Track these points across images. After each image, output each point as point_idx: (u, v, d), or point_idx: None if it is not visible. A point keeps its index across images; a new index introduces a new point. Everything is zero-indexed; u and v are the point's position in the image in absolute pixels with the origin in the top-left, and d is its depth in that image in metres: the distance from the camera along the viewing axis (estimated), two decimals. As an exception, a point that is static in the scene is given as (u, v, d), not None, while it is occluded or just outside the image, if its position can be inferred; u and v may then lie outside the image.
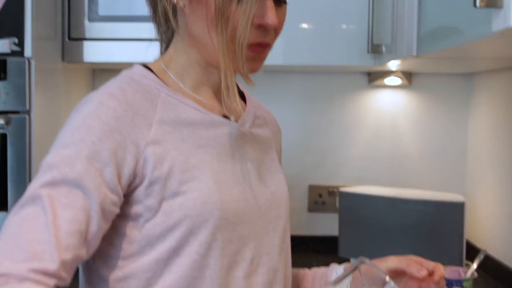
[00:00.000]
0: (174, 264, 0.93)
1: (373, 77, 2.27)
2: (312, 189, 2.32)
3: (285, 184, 1.11)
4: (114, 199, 0.89)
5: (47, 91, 1.84)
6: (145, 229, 0.93)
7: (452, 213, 1.91)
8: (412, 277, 1.01)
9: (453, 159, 2.32)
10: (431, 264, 1.04)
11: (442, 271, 1.05)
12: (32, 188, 0.87)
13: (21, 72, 1.69)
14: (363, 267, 0.91)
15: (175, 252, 0.93)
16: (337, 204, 2.13)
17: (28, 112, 1.71)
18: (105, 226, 0.90)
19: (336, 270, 1.17)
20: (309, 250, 2.29)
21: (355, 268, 0.90)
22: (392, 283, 0.89)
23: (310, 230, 2.34)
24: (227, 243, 0.95)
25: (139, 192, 0.92)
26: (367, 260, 0.87)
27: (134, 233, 0.93)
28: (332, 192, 2.32)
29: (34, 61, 1.72)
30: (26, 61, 1.70)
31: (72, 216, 0.85)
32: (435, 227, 1.91)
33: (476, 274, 1.54)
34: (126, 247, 0.94)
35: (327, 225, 2.33)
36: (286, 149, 1.28)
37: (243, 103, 1.12)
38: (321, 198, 2.33)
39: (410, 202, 1.95)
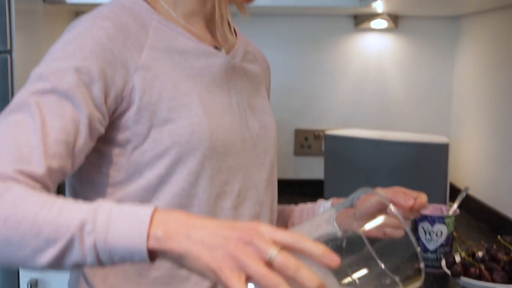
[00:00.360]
0: (162, 192, 0.94)
1: (359, 20, 2.25)
2: (298, 133, 2.33)
3: (274, 120, 1.11)
4: (99, 117, 0.89)
5: (28, 32, 1.81)
6: (134, 156, 0.93)
7: (436, 155, 1.92)
8: (399, 207, 1.02)
9: (438, 102, 2.33)
10: (415, 194, 1.06)
11: (424, 200, 1.06)
12: (20, 96, 0.85)
13: (1, 12, 1.66)
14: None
15: (163, 180, 0.93)
16: (323, 148, 2.14)
17: (10, 52, 1.68)
18: (91, 144, 0.89)
19: (323, 205, 1.18)
20: (295, 194, 2.31)
21: (356, 198, 0.89)
22: (394, 210, 0.89)
23: (296, 174, 2.35)
24: (215, 173, 0.96)
25: (128, 118, 0.92)
26: (369, 189, 0.86)
27: (122, 161, 0.93)
28: (318, 135, 2.32)
29: (14, 0, 1.68)
30: (6, 1, 1.67)
31: (61, 126, 0.84)
32: (419, 169, 1.93)
33: (458, 211, 1.56)
34: (115, 174, 0.94)
35: (313, 168, 2.34)
36: (272, 93, 1.27)
37: (234, 37, 1.11)
38: (307, 142, 2.33)
39: (395, 144, 1.96)
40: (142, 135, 0.92)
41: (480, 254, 1.40)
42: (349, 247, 1.00)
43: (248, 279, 0.67)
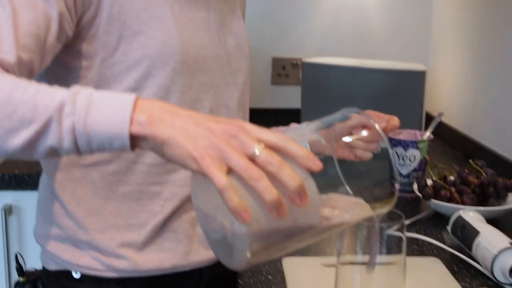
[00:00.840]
0: None
1: None
2: (276, 61, 2.30)
3: (248, 40, 1.09)
4: (68, 18, 0.86)
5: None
6: (102, 69, 0.91)
7: (413, 82, 1.92)
8: (371, 129, 1.02)
9: (417, 30, 2.31)
10: (387, 116, 1.05)
11: (396, 122, 1.06)
12: None
13: None
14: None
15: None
16: (300, 76, 2.12)
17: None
18: (58, 46, 0.87)
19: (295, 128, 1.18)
20: (271, 123, 2.27)
21: (340, 117, 0.88)
22: (378, 127, 0.89)
23: (273, 103, 2.34)
24: (186, 89, 0.94)
25: (98, 27, 0.89)
26: (354, 109, 0.85)
27: (90, 74, 0.91)
28: (295, 64, 2.30)
29: None
30: None
31: (32, 18, 0.81)
32: (396, 96, 1.93)
33: (432, 136, 1.56)
34: None
35: (290, 97, 2.33)
36: (249, 21, 1.25)
37: None
38: (284, 71, 2.31)
39: (373, 71, 1.95)
40: (112, 47, 0.90)
41: (452, 178, 1.41)
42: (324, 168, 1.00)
43: (230, 171, 0.65)
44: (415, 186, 1.44)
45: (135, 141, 0.69)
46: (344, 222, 0.78)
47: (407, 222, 1.33)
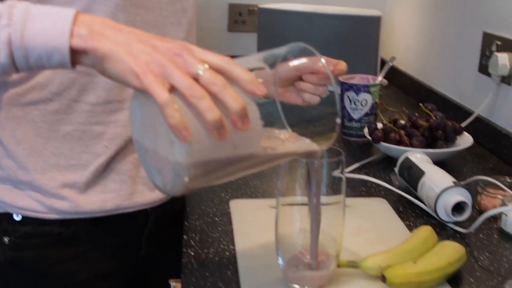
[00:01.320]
0: None
1: None
2: (232, 8, 2.27)
3: None
4: None
5: None
6: (42, 1, 0.87)
7: (368, 28, 1.91)
8: (318, 73, 1.01)
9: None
10: (334, 61, 1.04)
11: (344, 67, 1.04)
12: None
13: None
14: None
15: None
16: (257, 23, 2.09)
17: None
18: None
19: None
20: (228, 70, 2.28)
21: (287, 52, 0.86)
22: (324, 63, 0.88)
23: (230, 50, 2.31)
24: (129, 26, 0.91)
25: None
26: (301, 45, 0.84)
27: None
28: (252, 11, 2.27)
29: None
30: None
31: None
32: (352, 42, 1.92)
33: (385, 81, 1.56)
34: None
35: (247, 44, 2.30)
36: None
37: None
38: (241, 17, 2.28)
39: (329, 17, 1.94)
40: None
41: (402, 122, 1.42)
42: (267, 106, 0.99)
43: (172, 90, 0.64)
44: (365, 130, 1.44)
45: (75, 56, 0.66)
46: (287, 153, 0.78)
47: (356, 165, 1.34)
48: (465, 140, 1.39)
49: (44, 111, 0.92)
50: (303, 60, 1.02)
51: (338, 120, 0.79)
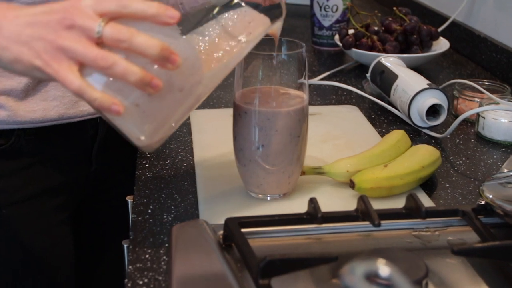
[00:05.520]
0: None
1: None
2: None
3: None
4: None
5: None
6: None
7: None
8: None
9: None
10: None
11: None
12: None
13: None
14: None
15: None
16: None
17: None
18: None
19: None
20: None
21: None
22: None
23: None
24: None
25: None
26: None
27: None
28: None
29: None
30: None
31: None
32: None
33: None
34: None
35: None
36: None
37: None
38: None
39: None
40: None
41: (375, 28, 1.33)
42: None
43: (82, 67, 0.58)
44: (336, 37, 1.36)
45: None
46: (237, 55, 0.69)
47: (326, 73, 1.26)
48: (441, 45, 1.32)
49: None
50: None
51: None
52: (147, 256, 0.67)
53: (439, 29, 1.34)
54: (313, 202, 0.66)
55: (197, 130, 0.98)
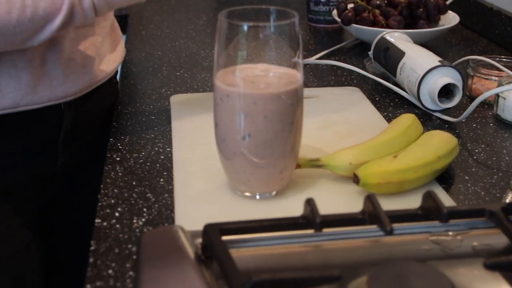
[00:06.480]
0: None
1: None
2: None
3: None
4: None
5: None
6: None
7: None
8: None
9: None
10: None
11: None
12: None
13: None
14: None
15: None
16: None
17: None
18: None
19: None
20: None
21: None
22: None
23: None
24: None
25: None
26: None
27: None
28: None
29: None
30: None
31: None
32: None
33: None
34: None
35: None
36: None
37: None
38: None
39: None
40: None
41: (377, 2, 1.21)
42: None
43: None
44: (334, 13, 1.23)
45: None
46: None
47: (324, 52, 1.14)
48: (450, 20, 1.20)
49: None
50: None
51: None
52: (109, 271, 0.56)
53: (447, 2, 1.22)
54: (310, 204, 0.55)
55: (177, 117, 0.86)
